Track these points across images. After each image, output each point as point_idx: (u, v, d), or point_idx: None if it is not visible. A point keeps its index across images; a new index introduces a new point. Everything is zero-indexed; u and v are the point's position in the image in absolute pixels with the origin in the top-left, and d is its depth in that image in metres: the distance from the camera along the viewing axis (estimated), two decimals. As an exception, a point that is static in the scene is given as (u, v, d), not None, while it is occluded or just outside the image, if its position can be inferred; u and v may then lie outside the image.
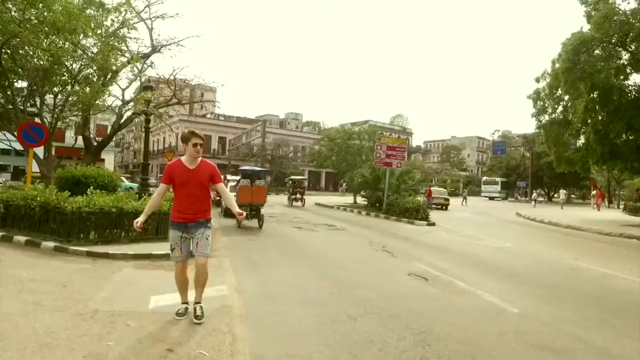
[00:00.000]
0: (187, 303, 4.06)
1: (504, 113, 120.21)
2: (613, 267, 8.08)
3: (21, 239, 7.61)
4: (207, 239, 3.90)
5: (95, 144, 17.17)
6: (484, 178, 58.44)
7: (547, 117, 21.87)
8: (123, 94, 17.64)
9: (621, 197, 41.24)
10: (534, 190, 43.67)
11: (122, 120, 17.35)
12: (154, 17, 16.07)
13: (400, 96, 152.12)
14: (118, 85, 16.43)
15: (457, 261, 8.14)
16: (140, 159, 72.00)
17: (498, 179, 54.49)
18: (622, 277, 7.16)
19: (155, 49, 17.00)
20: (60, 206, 7.65)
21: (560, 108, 21.21)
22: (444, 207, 26.27)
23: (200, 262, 3.88)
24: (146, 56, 16.76)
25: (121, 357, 3.10)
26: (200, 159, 3.92)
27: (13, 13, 10.37)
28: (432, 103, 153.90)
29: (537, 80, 21.95)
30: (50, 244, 7.26)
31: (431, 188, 29.16)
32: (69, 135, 18.75)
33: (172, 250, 3.91)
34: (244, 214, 4.24)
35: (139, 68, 15.68)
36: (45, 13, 10.49)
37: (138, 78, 15.63)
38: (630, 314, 5.02)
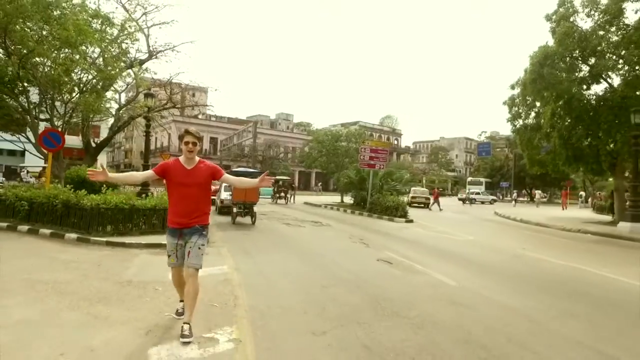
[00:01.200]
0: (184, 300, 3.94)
1: (492, 115, 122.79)
2: (550, 254, 9.55)
3: (46, 231, 8.83)
4: (199, 248, 3.66)
5: (94, 145, 18.29)
6: (469, 178, 60.29)
7: (521, 122, 23.42)
8: (120, 98, 18.85)
9: (596, 197, 43.26)
10: (514, 191, 45.53)
11: (119, 123, 18.56)
12: (151, 24, 17.29)
13: (390, 97, 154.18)
14: (116, 89, 17.64)
15: (422, 251, 9.54)
16: (131, 159, 72.37)
17: (482, 180, 56.33)
18: (553, 262, 8.62)
19: (152, 55, 18.23)
20: (80, 203, 8.89)
21: (532, 114, 22.78)
22: (424, 206, 27.81)
23: (190, 274, 3.62)
24: (143, 62, 17.96)
25: (157, 308, 4.40)
26: (197, 158, 3.76)
27: (30, 31, 11.52)
28: (422, 104, 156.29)
29: (512, 87, 23.48)
30: (73, 235, 8.50)
31: (437, 189, 30.80)
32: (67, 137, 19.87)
33: (168, 256, 3.82)
34: (270, 178, 4.05)
35: (136, 72, 16.86)
36: (60, 30, 11.67)
37: (135, 82, 16.79)
38: (543, 285, 6.44)
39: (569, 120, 19.05)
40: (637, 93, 16.79)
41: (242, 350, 3.41)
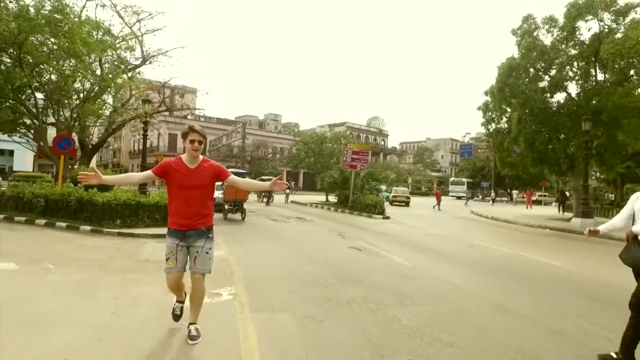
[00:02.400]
0: (182, 302, 3.85)
1: (476, 116, 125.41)
2: (501, 244, 11.17)
3: (62, 224, 10.12)
4: (207, 253, 3.51)
5: (90, 146, 19.45)
6: (452, 179, 62.41)
7: (494, 126, 25.19)
8: (114, 100, 20.04)
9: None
10: (492, 190, 47.63)
11: (114, 125, 19.75)
12: (145, 31, 18.45)
13: (378, 98, 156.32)
14: (111, 94, 18.84)
15: (390, 241, 11.06)
16: (120, 159, 72.64)
17: (464, 180, 58.40)
18: (500, 249, 10.23)
19: (145, 60, 19.49)
20: (93, 199, 10.20)
21: (504, 119, 24.57)
22: (405, 204, 29.49)
23: (198, 278, 3.50)
24: (137, 67, 19.22)
25: (172, 276, 5.80)
26: (201, 157, 3.56)
27: (41, 45, 12.75)
28: (409, 105, 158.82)
29: (486, 93, 25.24)
30: (87, 227, 9.81)
31: (439, 190, 32.49)
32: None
33: (166, 259, 3.48)
34: (283, 181, 3.80)
35: (131, 77, 18.09)
36: (68, 44, 12.91)
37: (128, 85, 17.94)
38: (482, 266, 7.99)
39: (533, 126, 20.84)
40: (594, 102, 18.57)
41: (239, 299, 4.85)
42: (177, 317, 3.79)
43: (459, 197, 54.26)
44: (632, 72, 16.93)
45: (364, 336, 3.89)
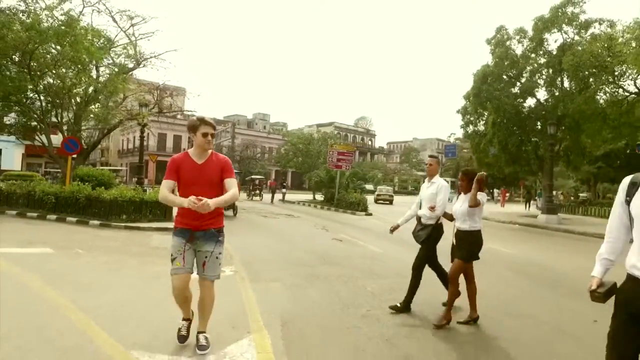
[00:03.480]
0: (189, 319, 3.48)
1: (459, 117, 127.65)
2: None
3: (72, 219, 11.18)
4: (217, 258, 3.30)
5: (85, 147, 20.33)
6: (436, 178, 64.02)
7: (472, 128, 26.73)
8: (106, 101, 20.92)
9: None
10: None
11: (109, 125, 20.64)
12: (139, 34, 19.23)
13: (365, 98, 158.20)
14: (105, 96, 19.74)
15: (368, 234, 12.37)
16: (108, 157, 72.85)
17: (448, 179, 60.07)
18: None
19: (139, 63, 20.44)
20: (101, 197, 11.29)
21: (482, 122, 26.13)
22: (390, 202, 30.95)
23: (207, 285, 3.28)
24: (131, 70, 20.17)
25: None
26: (210, 151, 3.31)
27: (48, 54, 13.72)
28: (397, 106, 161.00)
29: (464, 97, 26.81)
30: (96, 222, 10.90)
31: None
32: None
33: (172, 260, 3.20)
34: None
35: (125, 79, 18.99)
36: (72, 52, 13.87)
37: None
38: (442, 251, 9.30)
39: (506, 129, 22.40)
40: (559, 107, 20.16)
41: (239, 274, 6.08)
42: (183, 338, 3.39)
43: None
44: (591, 80, 18.53)
45: (337, 297, 5.16)
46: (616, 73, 16.86)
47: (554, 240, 13.14)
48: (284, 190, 29.40)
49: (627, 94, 17.63)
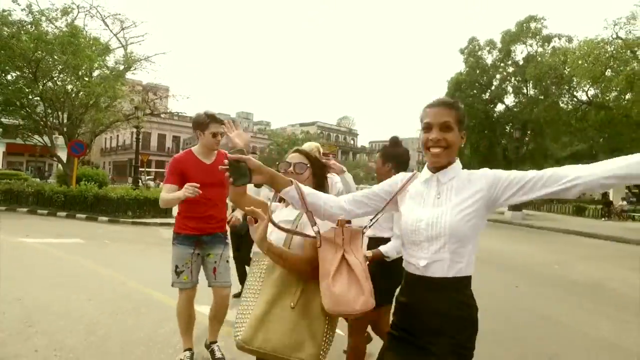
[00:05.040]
0: (191, 349, 3.02)
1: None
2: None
3: (82, 216, 12.26)
4: (227, 261, 3.05)
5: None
6: (415, 177, 66.20)
7: (447, 131, 28.50)
8: (104, 106, 21.80)
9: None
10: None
11: (101, 127, 21.51)
12: (130, 38, 20.07)
13: (348, 98, 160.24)
14: (104, 100, 20.65)
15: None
16: (90, 156, 72.41)
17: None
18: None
19: (130, 67, 21.39)
20: (108, 195, 12.40)
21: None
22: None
23: (224, 294, 3.00)
24: (122, 72, 21.10)
25: (193, 247, 8.28)
26: (216, 151, 3.03)
27: (53, 62, 14.68)
28: (378, 105, 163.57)
29: (440, 102, 28.57)
30: (105, 218, 12.01)
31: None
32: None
33: (177, 273, 2.86)
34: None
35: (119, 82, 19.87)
36: (75, 61, 14.82)
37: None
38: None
39: (477, 133, 24.25)
40: (524, 113, 22.04)
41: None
42: None
43: (421, 195, 58.18)
44: (553, 88, 20.44)
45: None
46: (573, 84, 18.77)
47: (513, 233, 14.84)
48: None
49: (581, 102, 19.59)
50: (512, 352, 3.69)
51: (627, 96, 12.88)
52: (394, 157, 2.77)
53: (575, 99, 19.35)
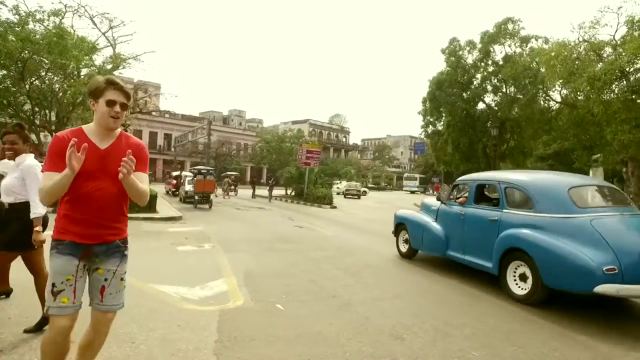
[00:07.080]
0: None
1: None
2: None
3: (66, 211, 12.70)
4: (121, 279, 2.31)
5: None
6: (405, 174, 67.11)
7: (432, 128, 29.15)
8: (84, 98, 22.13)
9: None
10: (436, 184, 52.52)
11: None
12: (118, 39, 20.42)
13: (340, 95, 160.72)
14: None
15: (327, 222, 14.37)
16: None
17: (417, 175, 63.23)
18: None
19: (118, 66, 21.77)
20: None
21: (440, 123, 28.57)
22: (357, 197, 33.22)
23: (108, 318, 2.30)
24: (110, 71, 21.48)
25: (197, 231, 8.81)
26: (118, 130, 2.29)
27: (40, 62, 15.06)
28: (371, 103, 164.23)
29: (422, 102, 29.17)
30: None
31: (438, 183, 36.49)
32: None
33: (54, 293, 2.10)
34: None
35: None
36: (61, 61, 15.20)
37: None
38: (382, 233, 11.42)
39: (459, 130, 24.89)
40: (503, 111, 22.68)
41: (216, 248, 7.96)
42: None
43: (412, 192, 59.07)
44: (529, 88, 21.10)
45: (288, 261, 7.11)
46: (547, 84, 19.43)
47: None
48: (271, 181, 29.57)
49: (555, 102, 20.27)
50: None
51: (591, 96, 13.52)
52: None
53: (549, 98, 20.02)
